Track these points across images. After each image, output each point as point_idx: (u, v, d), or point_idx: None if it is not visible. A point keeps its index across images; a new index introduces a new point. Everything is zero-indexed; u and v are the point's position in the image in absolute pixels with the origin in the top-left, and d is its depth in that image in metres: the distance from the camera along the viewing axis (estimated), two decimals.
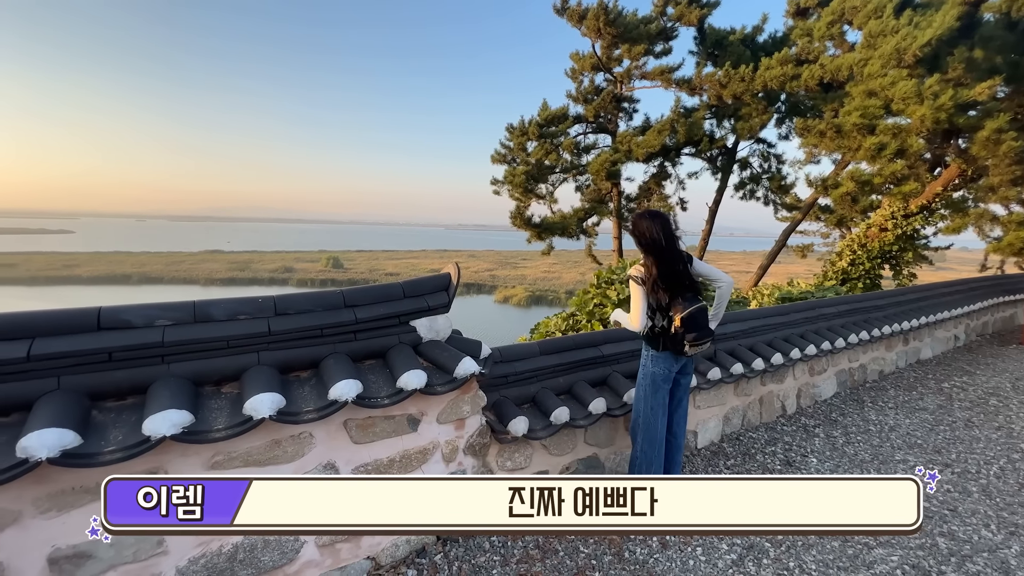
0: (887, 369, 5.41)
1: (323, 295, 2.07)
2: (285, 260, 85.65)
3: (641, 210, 2.52)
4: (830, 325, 4.66)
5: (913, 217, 9.59)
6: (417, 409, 2.19)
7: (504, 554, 2.27)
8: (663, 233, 2.33)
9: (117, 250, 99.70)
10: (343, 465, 2.02)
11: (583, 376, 2.94)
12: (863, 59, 8.58)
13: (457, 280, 2.37)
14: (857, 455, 3.47)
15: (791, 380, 4.23)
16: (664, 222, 2.36)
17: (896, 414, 4.26)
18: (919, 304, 6.01)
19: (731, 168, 13.90)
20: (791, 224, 13.42)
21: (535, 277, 70.04)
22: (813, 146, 11.39)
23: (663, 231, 2.33)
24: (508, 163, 13.89)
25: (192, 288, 62.85)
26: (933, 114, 7.65)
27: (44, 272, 67.73)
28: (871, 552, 2.40)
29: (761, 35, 12.57)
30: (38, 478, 1.47)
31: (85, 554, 1.55)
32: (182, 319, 1.76)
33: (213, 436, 1.62)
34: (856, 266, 9.84)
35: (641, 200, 14.84)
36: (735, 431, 3.76)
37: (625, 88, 13.65)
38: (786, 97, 12.07)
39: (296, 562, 1.93)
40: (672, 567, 2.26)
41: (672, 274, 2.34)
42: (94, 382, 1.60)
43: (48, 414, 1.43)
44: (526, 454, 2.63)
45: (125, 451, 1.48)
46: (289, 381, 1.93)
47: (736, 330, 3.84)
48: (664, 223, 2.36)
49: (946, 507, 2.82)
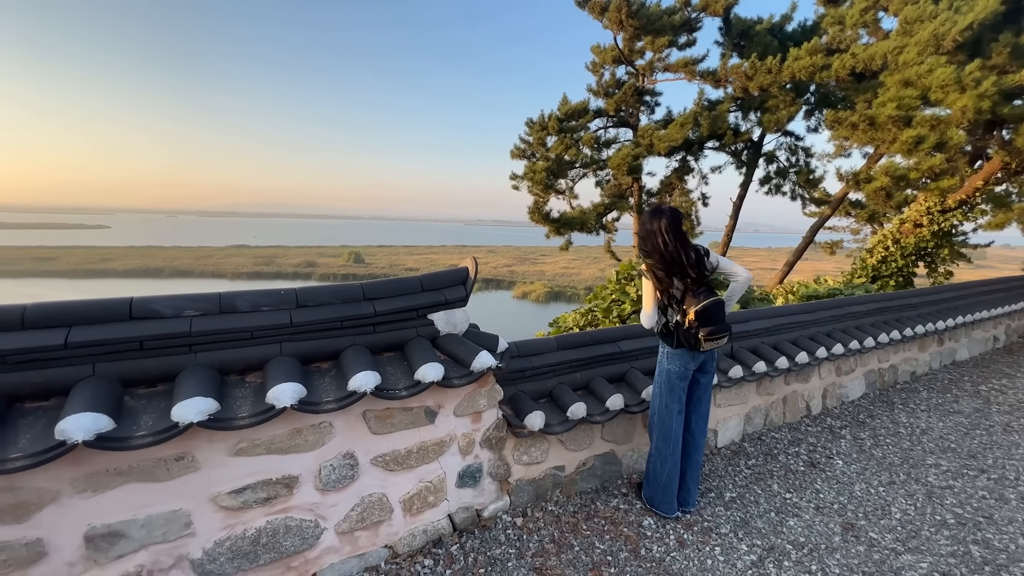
0: (920, 370, 5.21)
1: (343, 288, 2.10)
2: (308, 255, 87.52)
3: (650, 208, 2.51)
4: (859, 324, 4.50)
5: (951, 213, 9.15)
6: (434, 401, 2.21)
7: (519, 547, 2.28)
8: (666, 227, 2.27)
9: (150, 245, 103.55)
10: (362, 455, 2.06)
11: (601, 372, 2.92)
12: (898, 47, 8.20)
13: (474, 274, 2.37)
14: (886, 458, 3.35)
15: (816, 380, 4.11)
16: (669, 217, 2.29)
17: (929, 417, 4.10)
18: (955, 303, 5.75)
19: (756, 162, 13.54)
20: (819, 220, 13.00)
21: (554, 273, 69.77)
22: (844, 139, 10.99)
23: (667, 226, 2.28)
24: (528, 158, 13.83)
25: (220, 281, 64.88)
26: (975, 103, 7.27)
27: (83, 265, 70.90)
28: (899, 558, 2.32)
29: (790, 24, 12.16)
30: (75, 460, 1.54)
31: (119, 533, 1.62)
32: (208, 310, 1.82)
33: (237, 424, 1.67)
34: (888, 263, 9.48)
35: (662, 195, 14.59)
36: (757, 431, 3.68)
37: (647, 81, 13.41)
38: (815, 88, 11.67)
39: (316, 547, 1.98)
40: (689, 566, 2.23)
41: (675, 267, 2.28)
42: (126, 369, 1.66)
43: (84, 399, 1.49)
44: (542, 448, 2.62)
45: (155, 436, 1.54)
46: (310, 372, 1.97)
47: (760, 327, 3.75)
48: (669, 218, 2.29)
49: (981, 514, 2.70)
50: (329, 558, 2.02)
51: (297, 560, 1.95)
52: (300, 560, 1.96)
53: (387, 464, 2.11)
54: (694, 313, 2.26)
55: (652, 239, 2.31)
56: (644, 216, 2.38)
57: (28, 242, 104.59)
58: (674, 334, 2.38)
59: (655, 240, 2.29)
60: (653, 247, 2.31)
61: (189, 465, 1.71)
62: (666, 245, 2.27)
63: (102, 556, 1.61)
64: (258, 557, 1.86)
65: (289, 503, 1.91)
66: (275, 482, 1.86)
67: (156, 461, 1.65)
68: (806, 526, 2.56)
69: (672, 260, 2.28)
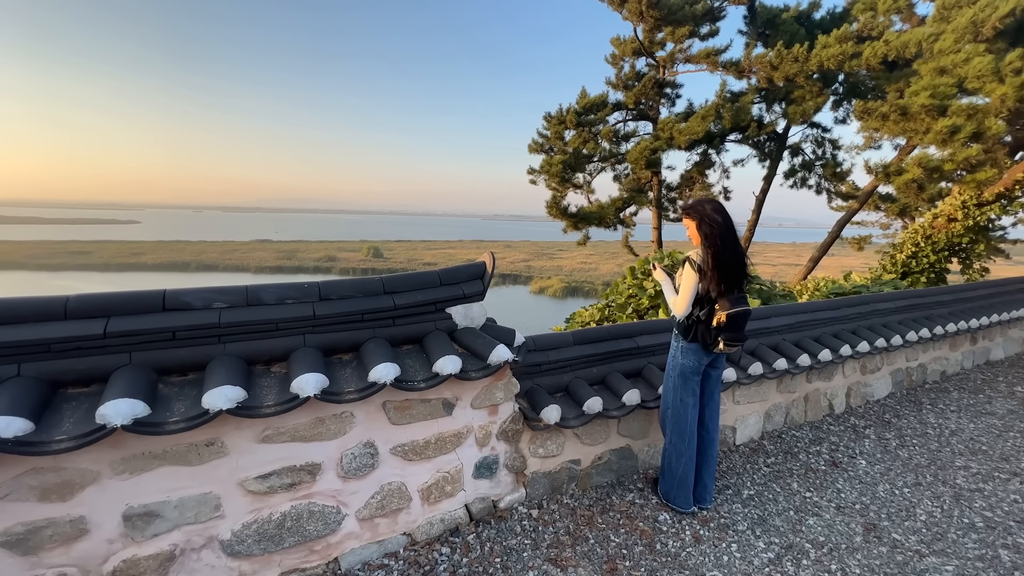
0: (951, 370, 5.03)
1: (364, 282, 2.15)
2: (328, 249, 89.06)
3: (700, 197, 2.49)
4: (885, 321, 4.37)
5: (988, 206, 8.76)
6: (452, 394, 2.25)
7: (535, 538, 2.31)
8: (727, 224, 2.29)
9: (177, 239, 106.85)
10: (382, 444, 2.11)
11: (617, 367, 2.92)
12: (934, 33, 7.87)
13: (492, 269, 2.39)
14: (912, 459, 3.27)
15: (840, 378, 4.02)
16: (727, 213, 2.32)
17: (959, 418, 3.97)
18: (991, 300, 5.52)
19: (781, 155, 13.18)
20: (847, 214, 12.61)
21: (571, 268, 69.41)
22: (874, 130, 10.61)
23: (727, 221, 2.29)
24: (545, 152, 13.74)
25: (244, 275, 66.64)
26: (1015, 92, 6.94)
27: (115, 259, 73.70)
28: (923, 560, 2.27)
29: (818, 12, 11.78)
30: (114, 443, 1.62)
31: (154, 513, 1.71)
32: (236, 302, 1.88)
33: (264, 412, 1.73)
34: (919, 259, 9.14)
35: (683, 189, 14.35)
36: (777, 428, 3.62)
37: (668, 73, 13.16)
38: (844, 78, 11.28)
39: (338, 533, 2.05)
40: (705, 561, 2.23)
41: (732, 267, 2.28)
42: (160, 358, 1.74)
43: (122, 386, 1.57)
44: (558, 442, 2.64)
45: (187, 422, 1.61)
46: (332, 363, 2.02)
47: (781, 324, 3.68)
48: (727, 214, 2.31)
49: (1012, 518, 2.61)
50: (350, 543, 2.09)
51: (320, 544, 2.02)
52: (322, 544, 2.03)
53: (406, 454, 2.16)
54: (726, 316, 2.27)
55: (719, 231, 2.27)
56: (708, 207, 2.32)
57: (63, 237, 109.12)
58: (693, 328, 2.37)
59: (722, 233, 2.27)
60: (723, 241, 2.27)
61: (219, 450, 1.78)
62: (732, 244, 2.28)
63: (139, 534, 1.70)
64: (283, 540, 1.93)
65: (312, 489, 1.98)
66: (299, 468, 1.93)
67: (188, 446, 1.73)
68: (826, 525, 2.52)
69: (732, 261, 2.28)
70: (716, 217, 2.28)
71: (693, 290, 2.31)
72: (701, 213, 2.31)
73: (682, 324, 2.43)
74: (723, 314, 2.27)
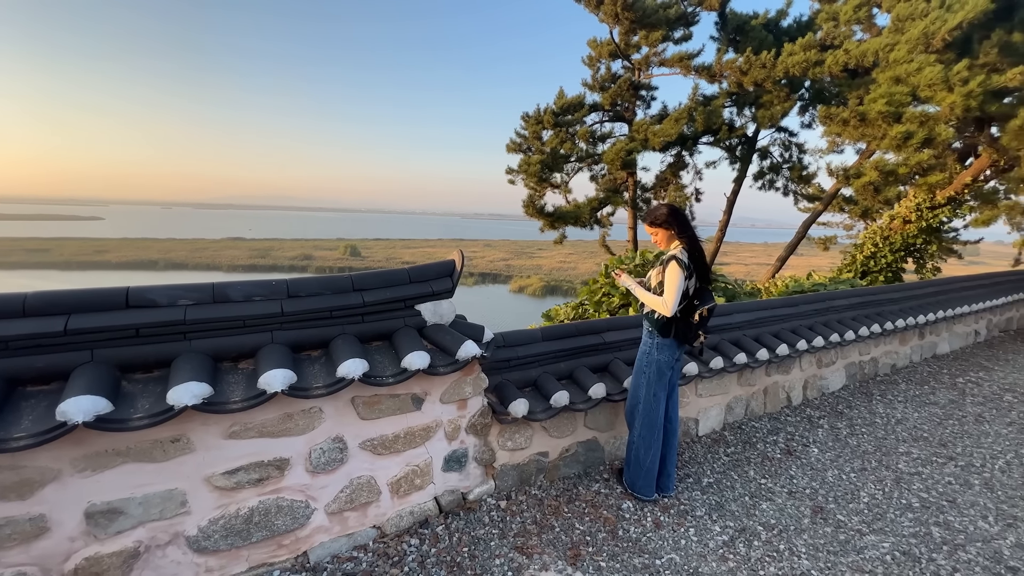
0: (900, 363, 5.34)
1: (333, 279, 2.18)
2: (304, 248, 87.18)
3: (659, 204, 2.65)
4: (840, 318, 4.62)
5: (939, 209, 9.27)
6: (421, 389, 2.30)
7: (503, 528, 2.39)
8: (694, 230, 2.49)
9: (144, 236, 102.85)
10: (351, 439, 2.15)
11: (585, 362, 3.02)
12: (889, 44, 8.28)
13: (461, 267, 2.45)
14: (860, 446, 3.48)
15: (797, 371, 4.23)
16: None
17: (905, 408, 4.23)
18: (938, 298, 5.88)
19: (750, 157, 13.61)
20: (812, 215, 13.12)
21: (551, 267, 69.82)
22: (836, 135, 11.05)
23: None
24: (523, 152, 13.85)
25: (215, 274, 64.60)
26: (963, 101, 7.36)
27: (76, 257, 70.42)
28: (863, 538, 2.44)
29: (785, 20, 12.19)
30: (75, 440, 1.62)
31: (118, 510, 1.71)
32: (202, 299, 1.89)
33: (230, 407, 1.75)
34: (877, 259, 9.62)
35: (657, 190, 14.67)
36: (738, 420, 3.80)
37: (643, 75, 13.43)
38: (809, 84, 11.73)
39: (307, 527, 2.08)
40: (664, 545, 2.34)
41: (704, 267, 2.47)
42: (124, 355, 1.74)
43: (83, 383, 1.57)
44: (527, 435, 2.72)
45: (151, 418, 1.62)
46: (300, 359, 2.05)
47: (743, 320, 3.86)
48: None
49: (944, 499, 2.83)
50: (319, 537, 2.12)
51: (288, 538, 2.05)
52: (291, 538, 2.05)
53: (375, 448, 2.20)
54: (707, 310, 2.46)
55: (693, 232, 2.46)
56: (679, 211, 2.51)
57: (20, 233, 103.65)
58: (673, 324, 2.49)
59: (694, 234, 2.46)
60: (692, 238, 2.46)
61: (184, 447, 1.79)
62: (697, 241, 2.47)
63: (102, 532, 1.70)
64: (251, 535, 1.95)
65: (280, 484, 2.00)
66: (267, 464, 1.95)
67: (153, 442, 1.74)
68: (778, 509, 2.68)
69: (702, 260, 2.46)
70: (686, 217, 2.47)
71: (681, 287, 2.42)
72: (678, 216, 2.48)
73: (659, 321, 2.53)
74: (704, 308, 2.46)
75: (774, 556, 2.29)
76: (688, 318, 2.49)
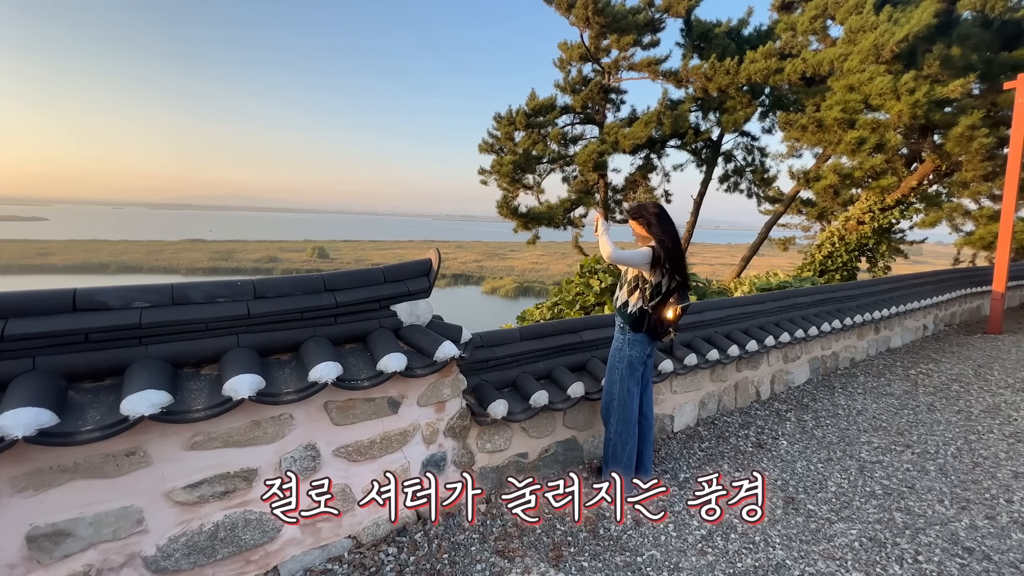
0: (858, 357, 5.60)
1: (303, 279, 2.09)
2: (269, 250, 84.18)
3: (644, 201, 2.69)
4: (804, 314, 4.80)
5: (889, 211, 9.85)
6: (398, 392, 2.23)
7: (483, 532, 2.34)
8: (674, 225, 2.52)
9: (94, 238, 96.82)
10: (324, 446, 2.05)
11: (563, 361, 3.01)
12: (843, 54, 8.72)
13: (438, 266, 2.40)
14: (825, 437, 3.61)
15: (765, 367, 4.37)
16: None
17: (864, 399, 4.43)
18: (890, 295, 6.21)
19: (716, 161, 14.07)
20: (773, 216, 13.68)
21: (523, 268, 70.04)
22: (795, 140, 11.57)
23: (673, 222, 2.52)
24: (496, 152, 13.83)
25: (173, 277, 61.46)
26: (909, 110, 7.84)
27: (17, 260, 65.54)
28: (832, 526, 2.52)
29: (746, 28, 12.68)
30: (15, 457, 1.47)
31: (64, 532, 1.57)
32: (160, 301, 1.77)
33: (192, 416, 1.64)
34: (834, 258, 10.11)
35: (628, 192, 14.94)
36: (711, 415, 3.88)
37: (613, 79, 13.65)
38: (770, 91, 12.22)
39: (277, 540, 1.97)
40: (644, 542, 2.35)
41: (681, 265, 2.50)
42: (71, 363, 1.61)
43: (23, 394, 1.44)
44: (505, 436, 2.69)
45: (103, 430, 1.49)
46: (269, 363, 1.95)
47: (713, 318, 3.95)
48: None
49: (904, 485, 2.97)
50: (291, 550, 2.01)
51: (257, 554, 1.93)
52: (260, 553, 1.94)
53: (350, 455, 2.12)
54: (681, 309, 2.51)
55: (674, 231, 2.49)
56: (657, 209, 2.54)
57: None
58: (645, 320, 2.51)
59: (675, 233, 2.50)
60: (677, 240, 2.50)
61: (141, 460, 1.67)
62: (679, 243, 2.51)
63: (46, 556, 1.55)
64: (216, 552, 1.83)
65: (248, 496, 1.89)
66: (233, 475, 1.84)
67: (104, 457, 1.61)
68: None
69: (680, 257, 2.49)
70: (668, 217, 2.51)
71: (636, 262, 2.46)
72: (654, 214, 2.51)
73: (632, 316, 2.56)
74: (679, 307, 2.51)
75: (750, 548, 2.34)
76: (659, 314, 2.53)
